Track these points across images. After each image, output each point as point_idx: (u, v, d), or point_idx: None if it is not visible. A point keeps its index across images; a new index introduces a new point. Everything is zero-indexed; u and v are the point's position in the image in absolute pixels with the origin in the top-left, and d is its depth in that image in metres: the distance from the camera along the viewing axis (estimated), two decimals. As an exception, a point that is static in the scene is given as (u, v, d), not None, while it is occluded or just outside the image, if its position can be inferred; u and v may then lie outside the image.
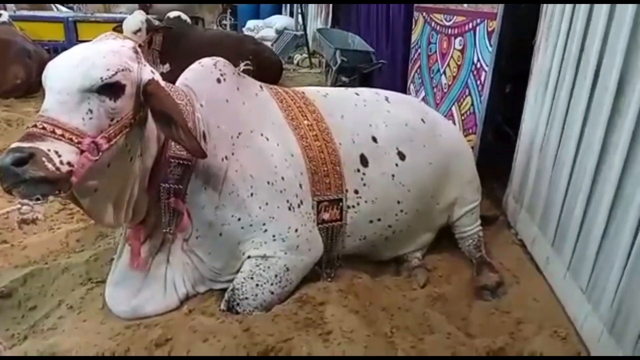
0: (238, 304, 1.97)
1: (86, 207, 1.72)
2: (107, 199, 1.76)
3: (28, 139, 1.48)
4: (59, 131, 1.51)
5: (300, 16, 10.54)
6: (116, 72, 1.62)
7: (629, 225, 1.76)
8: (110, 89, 1.61)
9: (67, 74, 1.60)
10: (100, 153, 1.58)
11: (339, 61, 6.13)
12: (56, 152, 1.48)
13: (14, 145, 1.47)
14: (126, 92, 1.66)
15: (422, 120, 2.52)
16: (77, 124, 1.55)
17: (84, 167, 1.54)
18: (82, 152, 1.53)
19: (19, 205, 1.51)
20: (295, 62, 9.65)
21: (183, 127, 1.72)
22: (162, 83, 1.83)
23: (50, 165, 1.46)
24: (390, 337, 1.90)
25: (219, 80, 2.08)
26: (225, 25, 12.87)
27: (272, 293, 2.01)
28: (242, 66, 5.69)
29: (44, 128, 1.50)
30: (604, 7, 2.10)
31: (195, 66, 2.15)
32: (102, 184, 1.69)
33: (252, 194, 1.99)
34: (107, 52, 1.66)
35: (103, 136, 1.59)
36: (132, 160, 1.77)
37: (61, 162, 1.48)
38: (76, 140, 1.53)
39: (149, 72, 1.78)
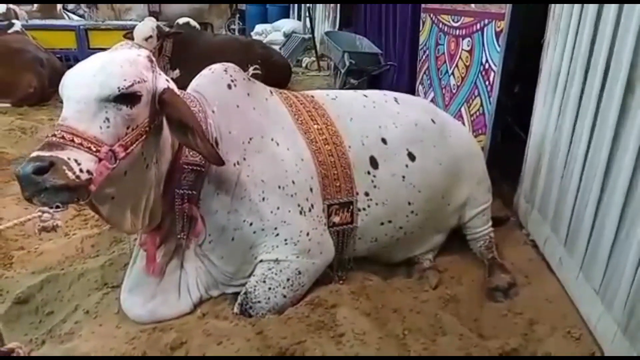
0: (251, 307, 1.99)
1: (105, 214, 1.75)
2: (124, 206, 1.79)
3: (48, 148, 1.51)
4: (77, 140, 1.54)
5: (308, 19, 10.55)
6: (133, 83, 1.65)
7: (641, 225, 1.75)
8: (127, 98, 1.64)
9: (84, 83, 1.63)
10: (118, 161, 1.61)
11: (347, 63, 6.13)
12: (76, 161, 1.51)
13: (34, 154, 1.50)
14: (142, 101, 1.69)
15: (432, 120, 2.52)
16: (95, 132, 1.58)
17: (102, 175, 1.57)
18: (100, 160, 1.56)
19: (39, 213, 1.55)
20: (303, 65, 9.66)
21: (200, 134, 1.74)
22: (177, 91, 1.86)
23: (70, 174, 1.49)
24: (403, 338, 1.91)
25: (229, 86, 2.11)
26: (234, 30, 12.92)
27: (285, 296, 2.03)
28: (250, 70, 5.72)
29: (63, 137, 1.53)
30: (613, 6, 2.09)
31: (206, 72, 2.17)
32: (119, 191, 1.72)
33: (263, 199, 2.01)
34: (124, 62, 1.69)
35: (120, 144, 1.62)
36: (148, 167, 1.79)
37: (81, 170, 1.51)
38: (94, 149, 1.56)
39: (163, 81, 1.81)
